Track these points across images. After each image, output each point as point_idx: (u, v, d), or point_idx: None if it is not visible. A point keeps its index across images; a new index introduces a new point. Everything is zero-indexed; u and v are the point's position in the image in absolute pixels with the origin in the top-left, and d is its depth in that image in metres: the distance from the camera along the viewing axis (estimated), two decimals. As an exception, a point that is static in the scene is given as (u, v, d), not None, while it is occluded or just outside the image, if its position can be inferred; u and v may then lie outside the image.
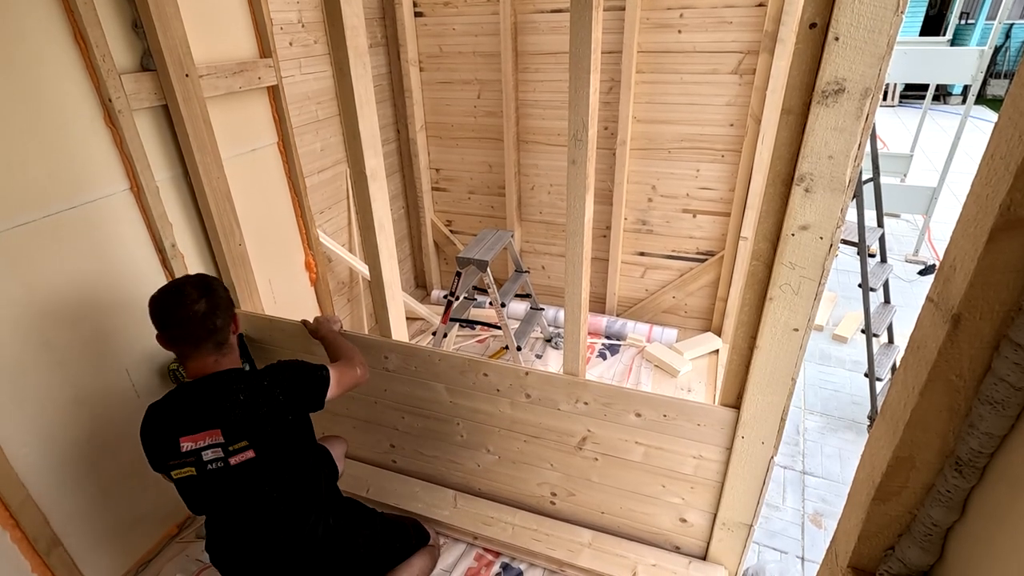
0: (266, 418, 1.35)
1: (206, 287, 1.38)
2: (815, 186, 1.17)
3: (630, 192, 3.29)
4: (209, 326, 1.35)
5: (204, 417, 1.32)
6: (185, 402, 1.35)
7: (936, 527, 0.72)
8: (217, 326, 1.37)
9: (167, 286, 1.39)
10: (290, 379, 1.42)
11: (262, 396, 1.36)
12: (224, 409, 1.33)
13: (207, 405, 1.33)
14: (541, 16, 3.07)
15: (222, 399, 1.33)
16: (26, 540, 1.60)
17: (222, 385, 1.36)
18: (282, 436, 1.39)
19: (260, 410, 1.35)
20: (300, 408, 1.43)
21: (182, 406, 1.35)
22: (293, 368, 1.45)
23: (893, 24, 1.00)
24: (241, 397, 1.34)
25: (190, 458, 1.32)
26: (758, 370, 1.43)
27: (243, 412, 1.33)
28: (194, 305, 1.33)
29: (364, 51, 1.63)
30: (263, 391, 1.37)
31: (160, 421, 1.36)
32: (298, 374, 1.44)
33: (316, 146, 2.91)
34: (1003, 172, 0.54)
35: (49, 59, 1.54)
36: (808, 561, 2.10)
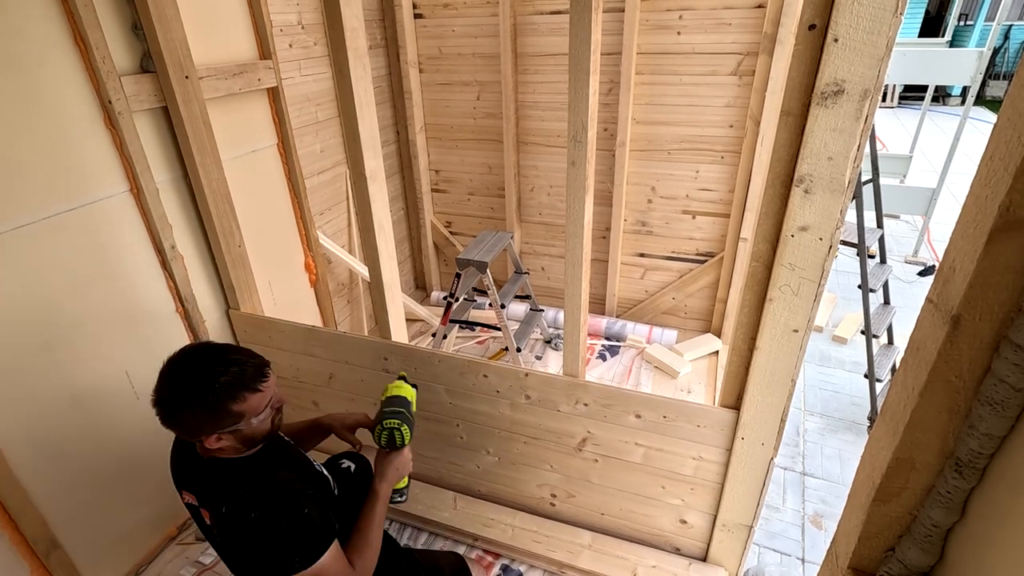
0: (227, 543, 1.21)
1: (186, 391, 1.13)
2: (814, 187, 1.17)
3: (630, 193, 3.30)
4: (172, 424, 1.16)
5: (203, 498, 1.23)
6: (186, 456, 1.27)
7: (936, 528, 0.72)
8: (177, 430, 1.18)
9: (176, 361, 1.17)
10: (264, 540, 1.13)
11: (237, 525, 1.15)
12: (212, 510, 1.20)
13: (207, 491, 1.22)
14: (541, 18, 3.08)
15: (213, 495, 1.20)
16: (25, 542, 1.60)
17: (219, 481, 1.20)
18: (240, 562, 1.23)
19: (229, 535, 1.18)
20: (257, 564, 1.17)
21: (183, 458, 1.27)
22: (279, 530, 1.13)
23: (892, 25, 1.00)
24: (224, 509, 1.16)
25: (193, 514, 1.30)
26: (758, 371, 1.43)
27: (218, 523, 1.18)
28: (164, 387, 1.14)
29: (364, 53, 1.63)
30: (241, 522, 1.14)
31: (178, 466, 1.31)
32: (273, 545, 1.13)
33: (316, 148, 2.91)
34: (1002, 173, 0.54)
35: (49, 61, 1.54)
36: (808, 562, 2.10)
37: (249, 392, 1.16)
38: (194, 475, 1.24)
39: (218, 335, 2.19)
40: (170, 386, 1.13)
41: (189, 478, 1.26)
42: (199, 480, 1.24)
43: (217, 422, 1.13)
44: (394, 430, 1.35)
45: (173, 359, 1.16)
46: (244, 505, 1.15)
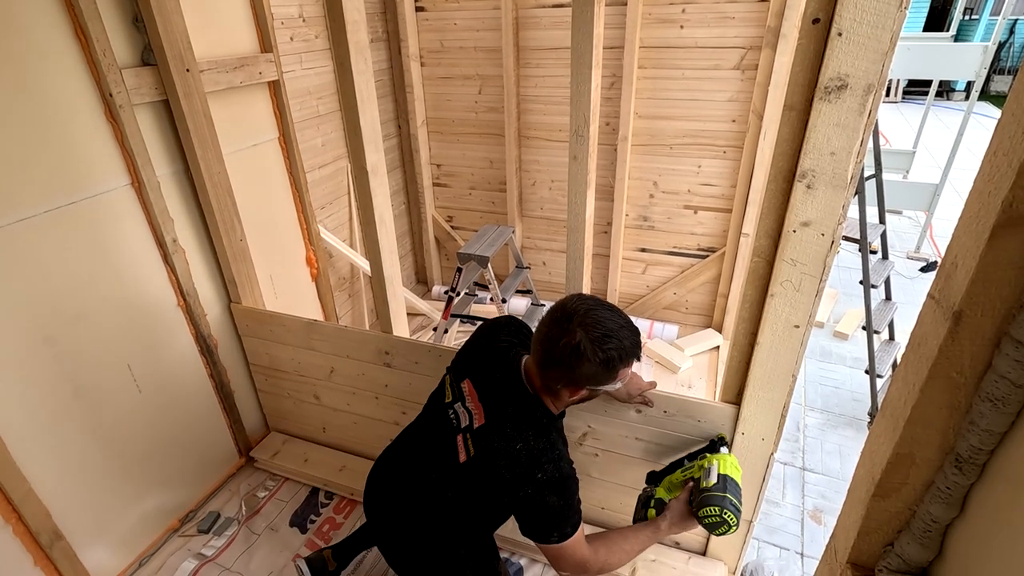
0: (499, 480, 1.20)
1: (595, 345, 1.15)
2: (817, 182, 1.17)
3: (631, 188, 3.29)
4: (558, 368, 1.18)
5: (491, 400, 1.25)
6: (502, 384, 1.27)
7: (935, 523, 0.72)
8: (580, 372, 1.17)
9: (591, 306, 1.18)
10: (539, 504, 1.18)
11: (521, 471, 1.18)
12: (502, 431, 1.22)
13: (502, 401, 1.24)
14: (543, 11, 3.06)
15: (512, 420, 1.22)
16: (28, 533, 1.61)
17: (526, 415, 1.23)
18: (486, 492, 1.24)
19: (505, 472, 1.19)
20: (512, 512, 1.25)
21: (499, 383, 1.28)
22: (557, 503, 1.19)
23: (896, 19, 0.99)
24: (519, 446, 1.19)
25: (455, 392, 1.33)
26: (759, 367, 1.43)
27: (503, 449, 1.20)
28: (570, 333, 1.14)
29: (365, 46, 1.62)
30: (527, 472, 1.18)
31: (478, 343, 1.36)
32: (548, 513, 1.19)
33: (317, 141, 2.91)
34: (1006, 169, 0.54)
35: (50, 54, 1.53)
36: (807, 557, 2.11)
37: (634, 360, 1.22)
38: (498, 387, 1.27)
39: (219, 329, 2.19)
40: (578, 335, 1.13)
41: (489, 385, 1.28)
42: (503, 395, 1.25)
43: (602, 380, 1.20)
44: (727, 523, 1.29)
45: (574, 308, 1.17)
46: (534, 460, 1.18)
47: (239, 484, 2.33)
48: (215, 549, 2.04)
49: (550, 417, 1.27)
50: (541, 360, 1.21)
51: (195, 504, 2.21)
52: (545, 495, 1.18)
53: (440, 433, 1.33)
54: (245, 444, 2.41)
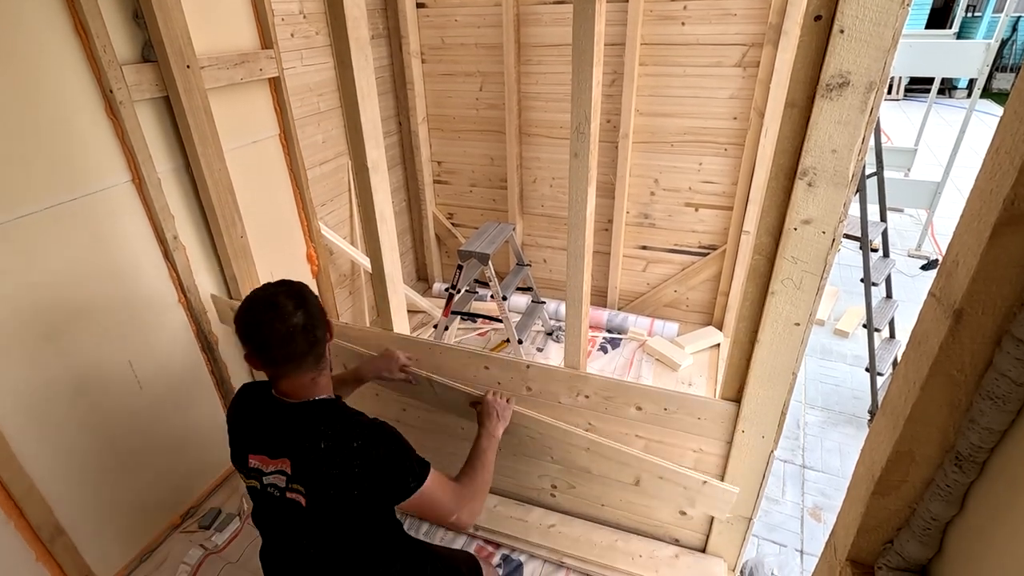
0: (333, 479, 1.18)
1: (299, 295, 1.19)
2: (818, 180, 1.17)
3: (632, 185, 3.28)
4: (310, 339, 1.18)
5: (280, 446, 1.22)
6: (271, 421, 1.24)
7: (935, 521, 0.72)
8: (317, 338, 1.20)
9: (257, 298, 1.18)
10: (376, 462, 1.18)
11: (341, 455, 1.18)
12: (301, 448, 1.19)
13: (288, 435, 1.21)
14: (544, 8, 3.05)
15: (304, 436, 1.20)
16: (30, 529, 1.62)
17: (311, 420, 1.21)
18: (341, 503, 1.21)
19: (332, 469, 1.18)
20: (369, 493, 1.21)
21: (266, 424, 1.25)
22: (388, 452, 1.21)
23: (899, 17, 0.99)
24: (322, 445, 1.18)
25: (254, 474, 1.27)
26: (759, 364, 1.43)
27: (315, 460, 1.18)
28: (292, 318, 1.15)
29: (366, 42, 1.62)
30: (345, 451, 1.18)
31: (240, 423, 1.30)
32: (388, 464, 1.20)
33: (318, 138, 2.90)
34: (1007, 167, 0.54)
35: (50, 50, 1.53)
36: (807, 554, 2.11)
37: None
38: (269, 431, 1.25)
39: (220, 325, 2.19)
40: (294, 307, 1.16)
41: (261, 438, 1.26)
42: (276, 432, 1.24)
43: (325, 315, 1.23)
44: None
45: (259, 296, 1.18)
46: (344, 437, 1.18)
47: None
48: (216, 545, 2.05)
49: (328, 403, 1.26)
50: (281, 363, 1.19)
51: (196, 500, 2.22)
52: (371, 453, 1.18)
53: (278, 513, 1.27)
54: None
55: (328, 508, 1.21)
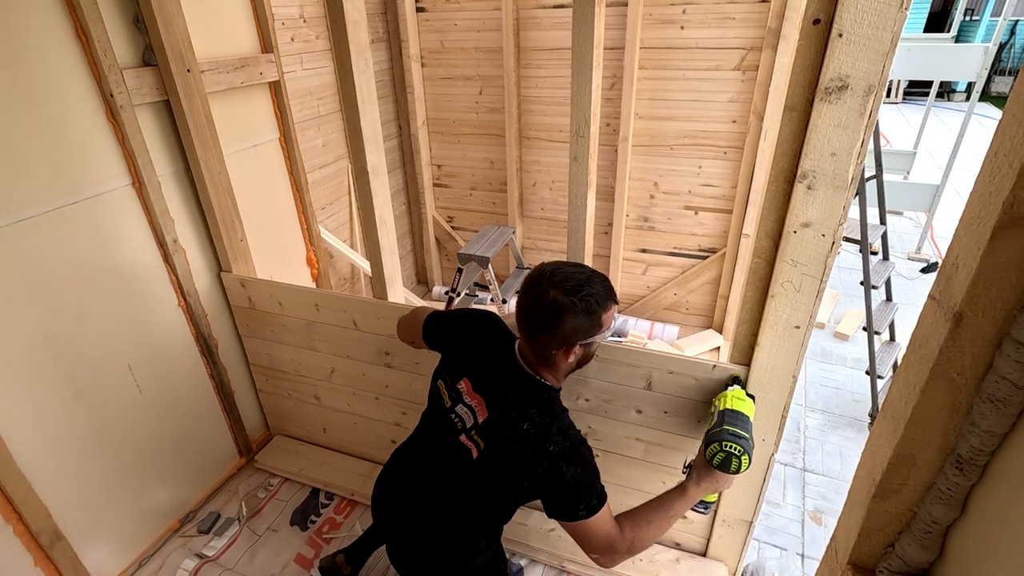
0: (511, 458, 1.19)
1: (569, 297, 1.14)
2: (817, 183, 1.17)
3: (632, 189, 3.29)
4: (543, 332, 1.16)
5: (492, 392, 1.24)
6: (499, 362, 1.27)
7: (936, 525, 0.72)
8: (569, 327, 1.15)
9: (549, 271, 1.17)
10: (559, 478, 1.16)
11: (534, 448, 1.17)
12: (506, 414, 1.21)
13: (503, 390, 1.23)
14: (543, 11, 3.07)
15: (514, 403, 1.21)
16: (29, 533, 1.61)
17: (529, 395, 1.22)
18: (501, 484, 1.22)
19: (519, 454, 1.18)
20: (536, 494, 1.21)
21: (494, 360, 1.28)
22: (575, 476, 1.17)
23: (897, 20, 0.99)
24: (525, 426, 1.18)
25: (454, 395, 1.30)
26: (759, 367, 1.43)
27: (511, 434, 1.18)
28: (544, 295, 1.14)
29: (366, 46, 1.62)
30: (539, 448, 1.17)
31: (469, 342, 1.33)
32: (569, 486, 1.17)
33: (318, 142, 2.91)
34: (1006, 170, 0.54)
35: (51, 54, 1.53)
36: (808, 558, 2.10)
37: (612, 303, 1.21)
38: (492, 371, 1.27)
39: (220, 329, 2.19)
40: (552, 293, 1.13)
41: (482, 371, 1.28)
42: (497, 380, 1.25)
43: (590, 330, 1.17)
44: (733, 455, 1.26)
45: (542, 273, 1.17)
46: (546, 433, 1.17)
47: (239, 484, 2.32)
48: (216, 550, 2.04)
49: (550, 392, 1.25)
50: (527, 331, 1.20)
51: (195, 504, 2.21)
52: (561, 466, 1.16)
53: (445, 439, 1.32)
54: (245, 444, 2.40)
55: (490, 476, 1.21)
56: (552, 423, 1.20)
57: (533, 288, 1.17)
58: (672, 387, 1.62)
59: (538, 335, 1.19)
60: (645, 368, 1.63)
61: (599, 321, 1.18)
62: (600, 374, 1.69)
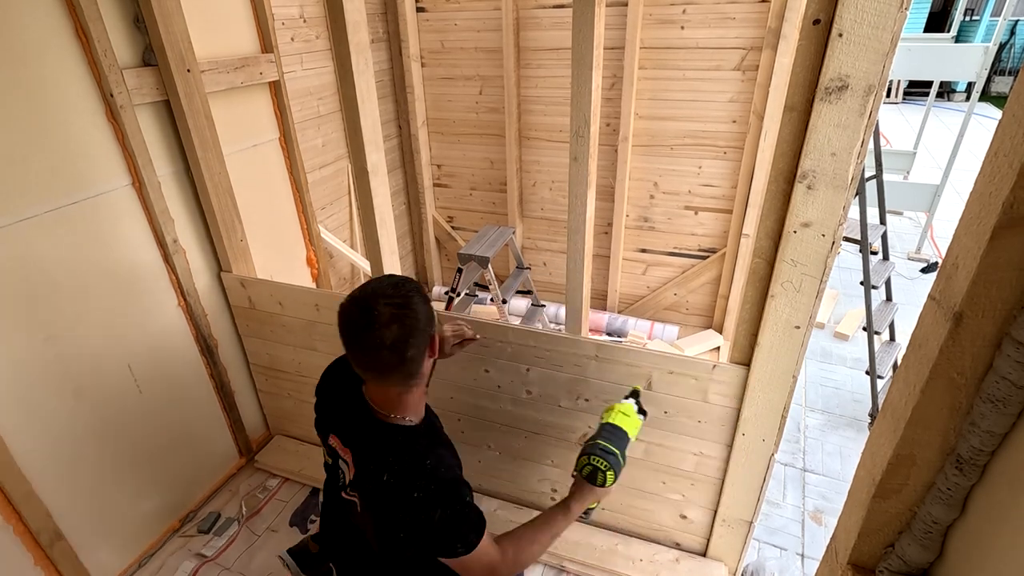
0: (386, 513, 1.13)
1: (403, 303, 1.08)
2: (817, 183, 1.17)
3: (632, 189, 3.29)
4: (400, 356, 1.08)
5: (352, 441, 1.20)
6: (352, 411, 1.22)
7: (936, 525, 0.72)
8: (408, 357, 1.09)
9: (358, 296, 1.09)
10: (427, 523, 1.10)
11: (398, 498, 1.11)
12: (366, 466, 1.16)
13: (360, 441, 1.19)
14: (543, 11, 3.06)
15: (372, 455, 1.15)
16: (29, 533, 1.61)
17: (383, 443, 1.15)
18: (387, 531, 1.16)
19: (386, 504, 1.12)
20: (413, 543, 1.14)
21: (348, 410, 1.23)
22: (444, 517, 1.11)
23: (897, 20, 0.99)
24: (384, 477, 1.12)
25: (331, 452, 1.28)
26: (759, 367, 1.43)
27: (375, 486, 1.14)
28: (384, 329, 1.05)
29: (366, 46, 1.62)
30: (402, 497, 1.10)
31: (327, 397, 1.31)
32: (440, 529, 1.11)
33: (317, 142, 2.91)
34: (1006, 170, 0.54)
35: (51, 54, 1.53)
36: (808, 558, 2.10)
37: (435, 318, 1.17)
38: (348, 421, 1.22)
39: (220, 329, 2.19)
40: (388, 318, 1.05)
41: (342, 423, 1.24)
42: (353, 429, 1.21)
43: (429, 329, 1.12)
44: (599, 470, 1.26)
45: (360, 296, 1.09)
46: (407, 480, 1.11)
47: (239, 484, 2.33)
48: (215, 549, 2.04)
49: (406, 432, 1.18)
50: (372, 367, 1.12)
51: (195, 504, 2.21)
52: (428, 512, 1.09)
53: (337, 492, 1.28)
54: (245, 444, 2.41)
55: (375, 524, 1.17)
56: (414, 467, 1.13)
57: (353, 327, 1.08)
58: (672, 387, 1.62)
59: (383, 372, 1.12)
60: (645, 368, 1.63)
61: (432, 336, 1.15)
62: (600, 374, 1.69)
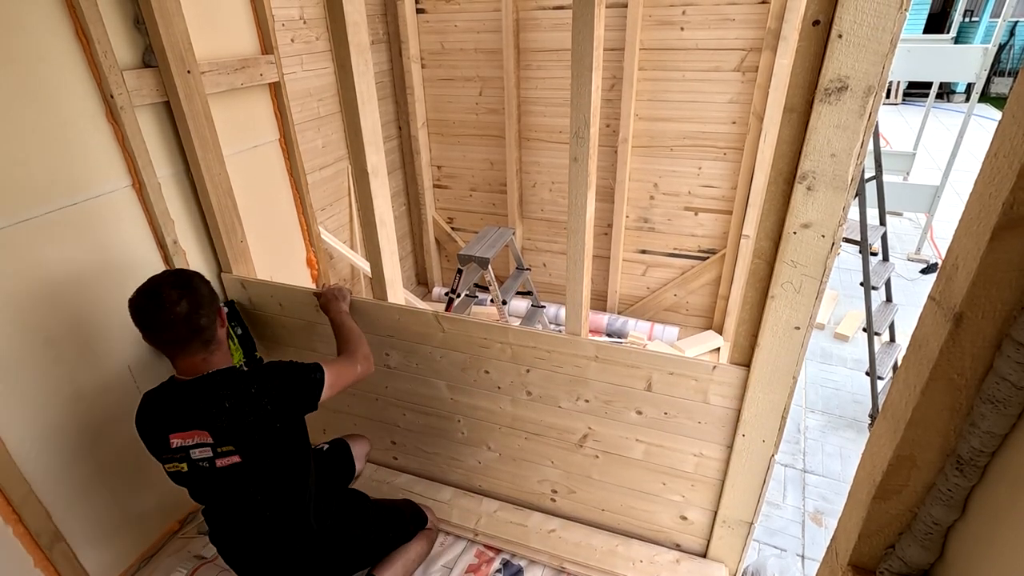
0: (253, 426, 1.31)
1: (185, 284, 1.32)
2: (817, 184, 1.17)
3: (632, 190, 3.29)
4: (193, 327, 1.29)
5: (192, 418, 1.32)
6: (176, 400, 1.34)
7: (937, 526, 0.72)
8: (201, 325, 1.31)
9: (144, 288, 1.32)
10: (279, 386, 1.35)
11: (248, 404, 1.31)
12: (211, 415, 1.30)
13: (195, 407, 1.31)
14: (543, 13, 3.07)
15: (209, 404, 1.31)
16: (28, 535, 1.61)
17: (209, 389, 1.32)
18: (270, 442, 1.35)
19: (247, 418, 1.31)
20: (290, 414, 1.37)
21: (173, 403, 1.34)
22: (283, 373, 1.38)
23: (897, 21, 1.00)
24: (227, 404, 1.30)
25: (179, 454, 1.33)
26: (759, 368, 1.43)
27: (229, 419, 1.30)
28: (175, 307, 1.27)
29: (366, 48, 1.62)
30: (250, 399, 1.31)
31: (152, 414, 1.37)
32: (288, 379, 1.37)
33: (318, 143, 2.91)
34: (1006, 170, 0.54)
35: (51, 55, 1.53)
36: (808, 559, 2.10)
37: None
38: (180, 410, 1.34)
39: (220, 330, 2.19)
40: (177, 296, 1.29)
41: (175, 419, 1.34)
42: (186, 409, 1.33)
43: (214, 302, 1.37)
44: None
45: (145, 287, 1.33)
46: (242, 390, 1.32)
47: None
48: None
49: (225, 371, 1.37)
50: (175, 342, 1.31)
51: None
52: (270, 385, 1.34)
53: (217, 485, 1.38)
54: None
55: (263, 455, 1.34)
56: (237, 380, 1.34)
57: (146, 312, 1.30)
58: (672, 388, 1.62)
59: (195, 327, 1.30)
60: (645, 369, 1.63)
61: (203, 278, 1.38)
62: (600, 375, 1.69)
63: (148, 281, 1.33)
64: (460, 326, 1.82)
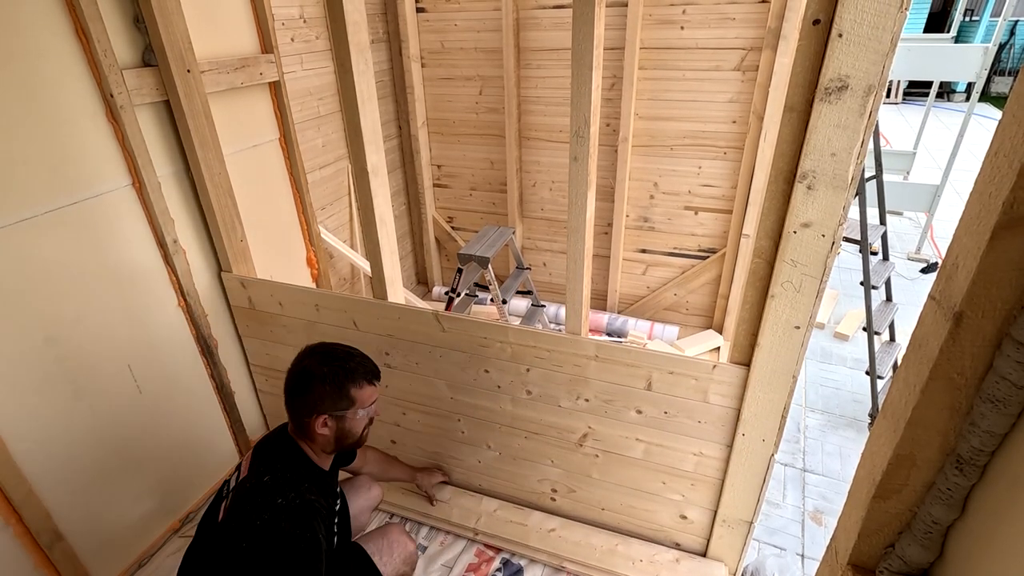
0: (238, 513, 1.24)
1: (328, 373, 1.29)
2: (817, 183, 1.17)
3: (632, 189, 3.29)
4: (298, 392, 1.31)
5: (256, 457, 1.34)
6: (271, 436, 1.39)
7: (936, 525, 0.72)
8: (295, 404, 1.32)
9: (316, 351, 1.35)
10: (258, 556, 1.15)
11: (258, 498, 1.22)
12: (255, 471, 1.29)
13: (264, 455, 1.34)
14: (543, 12, 3.07)
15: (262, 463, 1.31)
16: (29, 534, 1.61)
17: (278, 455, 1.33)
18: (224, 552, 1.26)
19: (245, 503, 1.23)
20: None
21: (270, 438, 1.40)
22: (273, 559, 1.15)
23: (897, 20, 1.00)
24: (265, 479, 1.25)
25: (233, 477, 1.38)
26: (759, 368, 1.43)
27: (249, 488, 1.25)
28: (300, 364, 1.31)
29: (366, 47, 1.62)
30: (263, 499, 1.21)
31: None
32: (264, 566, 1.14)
33: (318, 142, 2.91)
34: (1006, 170, 0.54)
35: (51, 54, 1.53)
36: (808, 558, 2.10)
37: (367, 383, 1.34)
38: (265, 446, 1.37)
39: (219, 328, 2.19)
40: (306, 362, 1.31)
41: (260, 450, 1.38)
42: (265, 450, 1.35)
43: (337, 402, 1.29)
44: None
45: (310, 346, 1.35)
46: (279, 488, 1.24)
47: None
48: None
49: (305, 458, 1.33)
50: (287, 399, 1.32)
51: (195, 505, 2.21)
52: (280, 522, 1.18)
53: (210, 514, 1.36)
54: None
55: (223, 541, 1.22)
56: (295, 482, 1.25)
57: (297, 360, 1.33)
58: (672, 387, 1.62)
59: (293, 400, 1.31)
60: (645, 368, 1.63)
61: (348, 395, 1.30)
62: (600, 374, 1.69)
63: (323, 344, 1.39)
64: (460, 325, 1.82)
